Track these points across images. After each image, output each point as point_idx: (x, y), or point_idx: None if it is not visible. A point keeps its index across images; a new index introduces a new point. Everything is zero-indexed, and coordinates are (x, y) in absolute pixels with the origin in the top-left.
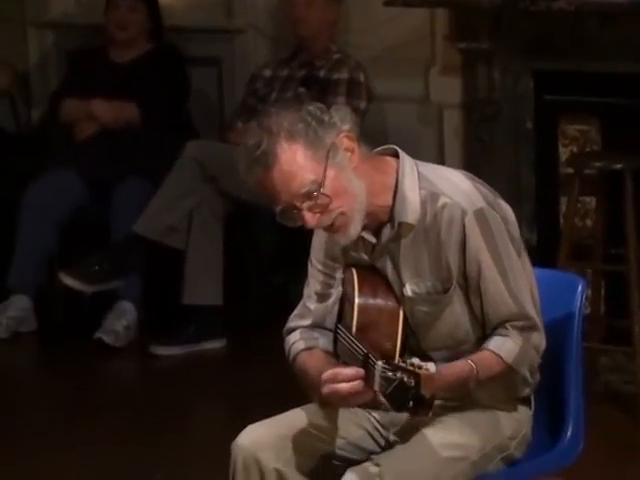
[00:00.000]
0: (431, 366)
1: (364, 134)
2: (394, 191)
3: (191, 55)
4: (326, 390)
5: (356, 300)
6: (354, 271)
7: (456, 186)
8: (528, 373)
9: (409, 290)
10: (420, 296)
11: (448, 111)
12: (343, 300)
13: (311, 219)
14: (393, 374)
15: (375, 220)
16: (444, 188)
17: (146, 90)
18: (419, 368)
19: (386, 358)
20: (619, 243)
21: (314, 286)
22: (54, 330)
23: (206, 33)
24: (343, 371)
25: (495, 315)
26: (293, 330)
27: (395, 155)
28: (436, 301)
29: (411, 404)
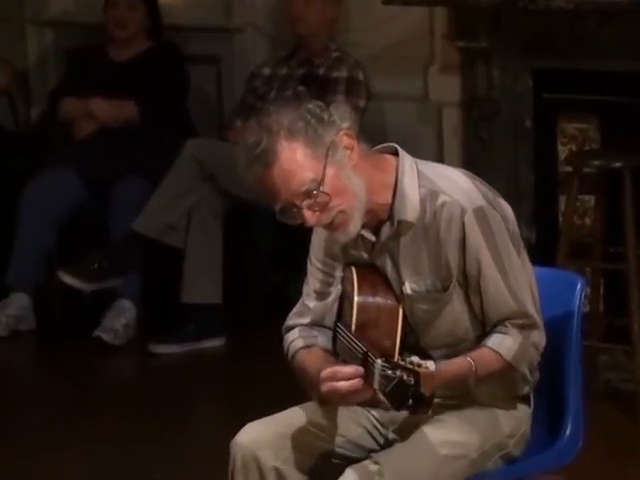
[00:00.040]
0: (430, 364)
1: (363, 133)
2: (394, 189)
3: (190, 53)
4: (325, 388)
5: (355, 298)
6: (353, 269)
7: (456, 184)
8: (528, 371)
9: (408, 288)
10: (420, 294)
11: (447, 110)
12: (342, 298)
13: (311, 217)
14: (392, 372)
15: (375, 218)
16: (444, 186)
17: (145, 88)
18: (418, 366)
19: (385, 356)
20: (618, 241)
21: (313, 284)
22: (53, 328)
23: (205, 31)
24: (342, 369)
25: (495, 313)
26: (292, 328)
27: (395, 153)
28: (435, 299)
29: (411, 402)
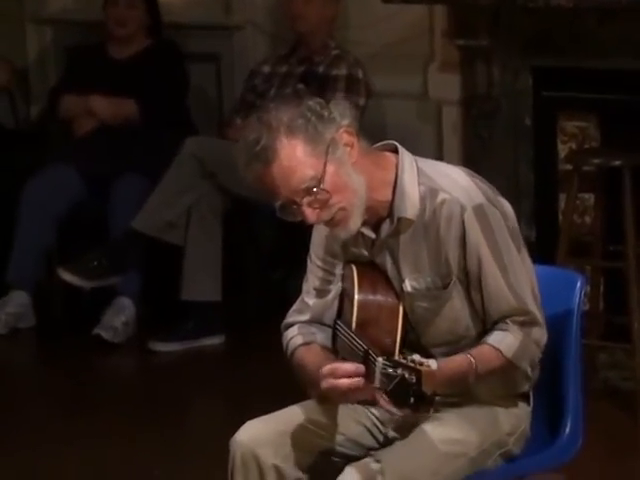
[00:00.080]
0: (432, 362)
1: (363, 131)
2: (393, 186)
3: (190, 51)
4: (325, 385)
5: (356, 296)
6: (354, 267)
7: (455, 182)
8: (529, 368)
9: (409, 286)
10: (420, 292)
11: (447, 107)
12: (342, 296)
13: (311, 214)
14: (394, 370)
15: (374, 215)
16: (443, 184)
17: (145, 86)
18: (420, 365)
19: (386, 354)
20: (618, 240)
21: (313, 282)
22: (53, 326)
23: (205, 29)
24: (342, 366)
25: (495, 310)
26: (291, 325)
27: (394, 151)
28: (436, 297)
29: (412, 401)
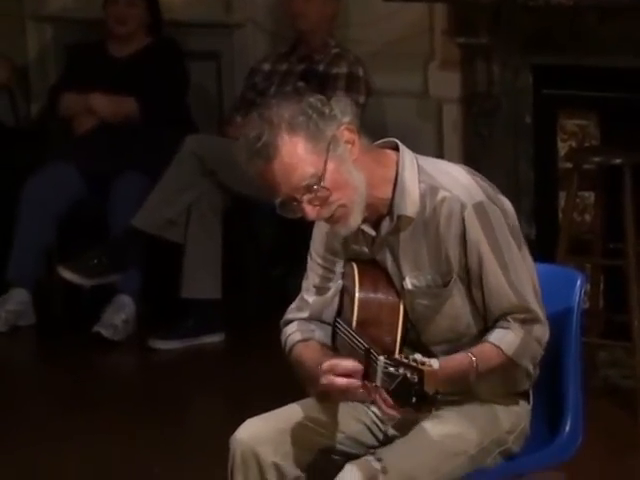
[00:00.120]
0: (434, 362)
1: (363, 129)
2: (394, 184)
3: (190, 49)
4: (325, 381)
5: (357, 294)
6: (354, 265)
7: (456, 180)
8: (531, 366)
9: (409, 283)
10: (420, 289)
11: (447, 106)
12: (342, 294)
13: (311, 211)
14: (395, 370)
15: (375, 213)
16: (444, 182)
17: (145, 84)
18: (422, 364)
19: (387, 353)
20: (618, 238)
21: (313, 279)
22: (53, 324)
23: (205, 27)
24: (341, 363)
25: (497, 308)
26: (290, 322)
27: (395, 148)
28: (436, 294)
29: (414, 400)
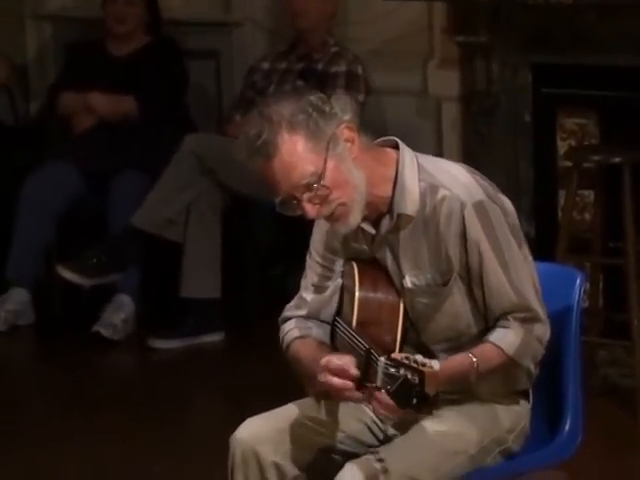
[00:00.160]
0: (434, 363)
1: (362, 127)
2: (394, 182)
3: (189, 48)
4: (322, 378)
5: (357, 294)
6: (354, 265)
7: (456, 179)
8: (532, 365)
9: (409, 282)
10: (420, 288)
11: (446, 104)
12: (342, 294)
13: (311, 210)
14: (396, 371)
15: (375, 211)
16: (444, 180)
17: (144, 83)
18: (423, 365)
19: (386, 352)
20: (617, 236)
21: (311, 278)
22: (52, 323)
23: (204, 26)
24: (333, 359)
25: (497, 306)
26: (288, 319)
27: (395, 147)
28: (436, 293)
29: (415, 402)
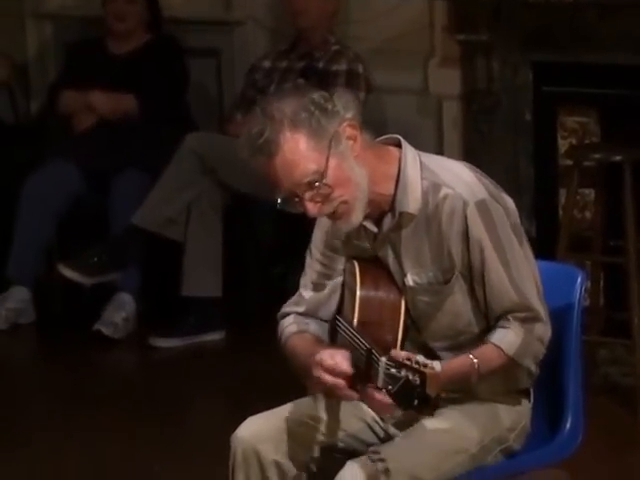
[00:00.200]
0: (436, 364)
1: (363, 125)
2: (396, 180)
3: (190, 47)
4: (315, 374)
5: (358, 293)
6: (356, 263)
7: (458, 177)
8: (533, 365)
9: (410, 280)
10: (421, 286)
11: (447, 102)
12: (343, 292)
13: (312, 208)
14: (397, 371)
15: (377, 209)
16: (446, 179)
17: (144, 82)
18: (424, 366)
19: (387, 351)
20: (618, 235)
21: (310, 276)
22: (53, 322)
23: (205, 24)
24: (326, 359)
25: (498, 305)
26: (287, 315)
27: (398, 145)
28: (437, 291)
29: (416, 403)
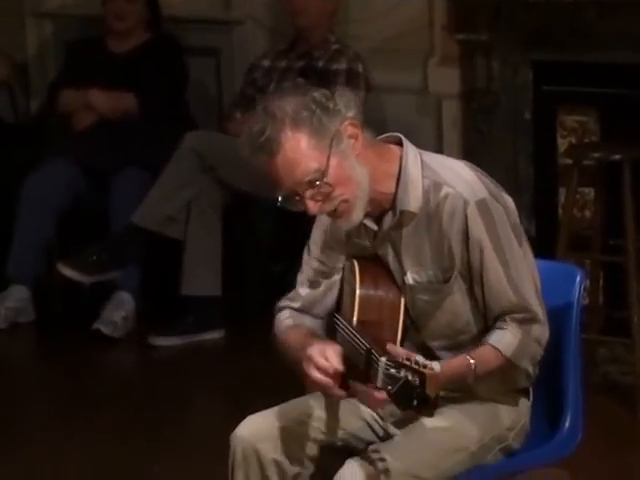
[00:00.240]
0: (435, 365)
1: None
2: (397, 179)
3: (189, 45)
4: (305, 368)
5: (357, 291)
6: (356, 262)
7: (459, 176)
8: (531, 366)
9: (410, 278)
10: (421, 285)
11: (447, 102)
12: (342, 291)
13: (313, 207)
14: (397, 372)
15: (378, 207)
16: (447, 178)
17: (144, 80)
18: (424, 367)
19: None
20: (618, 234)
21: (307, 273)
22: (52, 321)
23: (204, 23)
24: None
25: (496, 305)
26: (283, 309)
27: (399, 143)
28: (437, 290)
29: (415, 403)
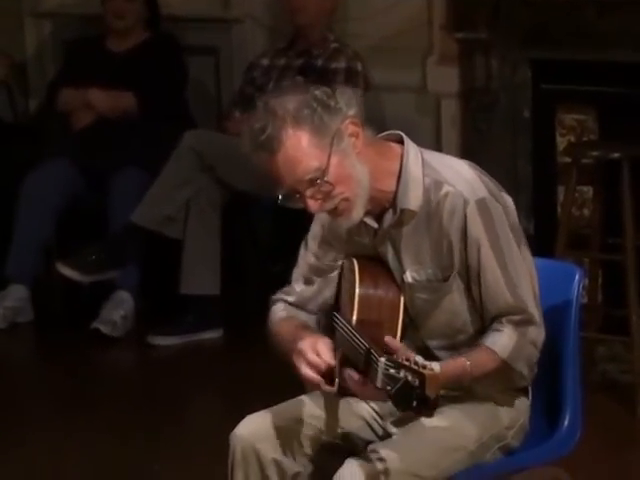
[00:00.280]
0: (435, 365)
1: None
2: (398, 177)
3: (188, 44)
4: (296, 363)
5: (357, 290)
6: (355, 261)
7: (460, 175)
8: (526, 368)
9: (409, 277)
10: (420, 283)
11: (445, 100)
12: (341, 290)
13: (313, 205)
14: (396, 372)
15: (378, 205)
16: (448, 176)
17: (143, 79)
18: (423, 367)
19: (386, 350)
20: (616, 232)
21: (303, 268)
22: (51, 320)
23: (203, 22)
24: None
25: (493, 306)
26: (278, 301)
27: (400, 141)
28: (436, 289)
29: (415, 404)
